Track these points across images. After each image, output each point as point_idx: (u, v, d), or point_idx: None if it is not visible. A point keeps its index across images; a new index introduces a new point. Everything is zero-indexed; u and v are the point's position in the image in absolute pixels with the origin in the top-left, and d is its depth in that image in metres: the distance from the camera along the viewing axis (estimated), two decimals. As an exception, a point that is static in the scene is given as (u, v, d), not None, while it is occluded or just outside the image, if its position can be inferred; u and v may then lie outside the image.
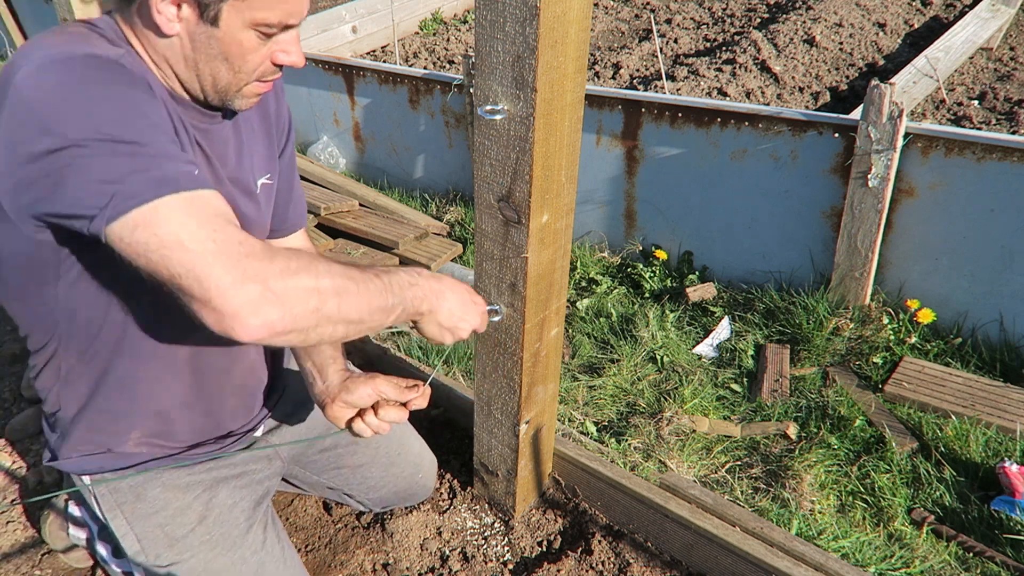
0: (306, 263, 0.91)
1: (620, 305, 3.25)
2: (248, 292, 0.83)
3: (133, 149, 0.86)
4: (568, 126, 1.25)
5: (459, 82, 3.80)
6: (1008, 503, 2.09)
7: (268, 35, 1.05)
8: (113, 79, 0.92)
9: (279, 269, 0.87)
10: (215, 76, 1.07)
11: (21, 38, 6.61)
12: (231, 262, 0.83)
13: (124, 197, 0.83)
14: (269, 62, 1.09)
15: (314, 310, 0.90)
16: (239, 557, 1.35)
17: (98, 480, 1.32)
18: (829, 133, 2.83)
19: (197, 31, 1.01)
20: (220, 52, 1.04)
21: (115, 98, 0.90)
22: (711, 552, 1.65)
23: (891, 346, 2.80)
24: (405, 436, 1.77)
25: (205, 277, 0.82)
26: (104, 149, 0.85)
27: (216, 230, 0.85)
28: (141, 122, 0.90)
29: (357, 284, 0.96)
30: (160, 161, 0.87)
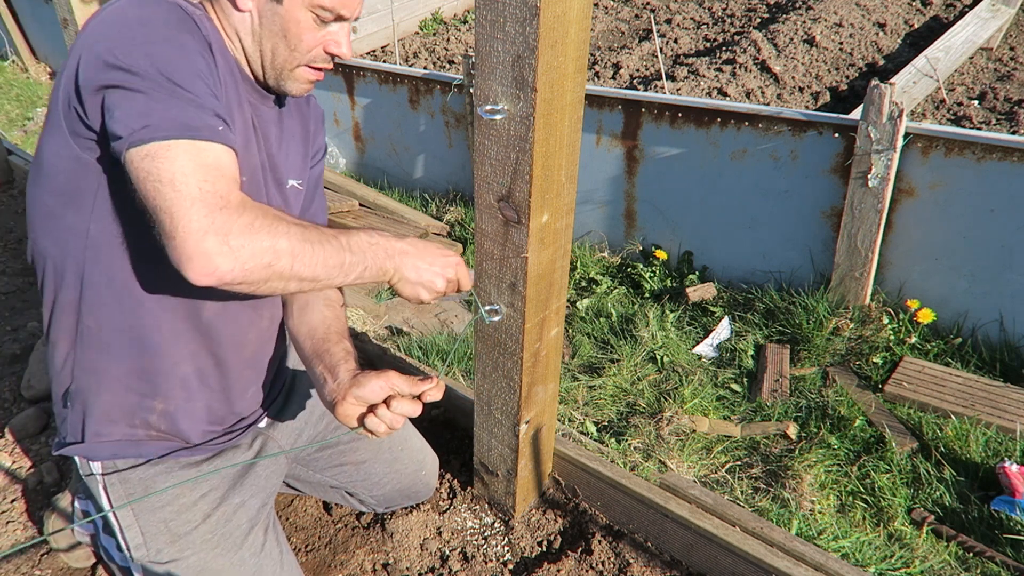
0: (269, 222, 1.03)
1: (620, 305, 3.25)
2: (208, 242, 0.95)
3: (175, 91, 1.00)
4: (568, 126, 1.25)
5: (459, 82, 3.80)
6: (1008, 503, 2.09)
7: (323, 20, 1.18)
8: (180, 28, 1.06)
9: (243, 225, 0.99)
10: (275, 51, 1.20)
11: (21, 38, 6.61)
12: (204, 210, 0.96)
13: (151, 129, 0.97)
14: (321, 49, 1.21)
15: (266, 266, 1.01)
16: (238, 559, 1.35)
17: (110, 469, 1.32)
18: (829, 133, 2.83)
19: (265, 7, 1.17)
20: (281, 28, 1.18)
21: (176, 43, 1.04)
22: (711, 552, 1.65)
23: (891, 346, 2.80)
24: (406, 433, 1.77)
25: (178, 217, 0.95)
26: (153, 85, 0.99)
27: (206, 180, 0.97)
28: (189, 70, 1.03)
29: (313, 245, 1.07)
30: (192, 108, 1.00)
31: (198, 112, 1.01)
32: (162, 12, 1.06)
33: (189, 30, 1.07)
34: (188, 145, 0.98)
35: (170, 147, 0.97)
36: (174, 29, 1.05)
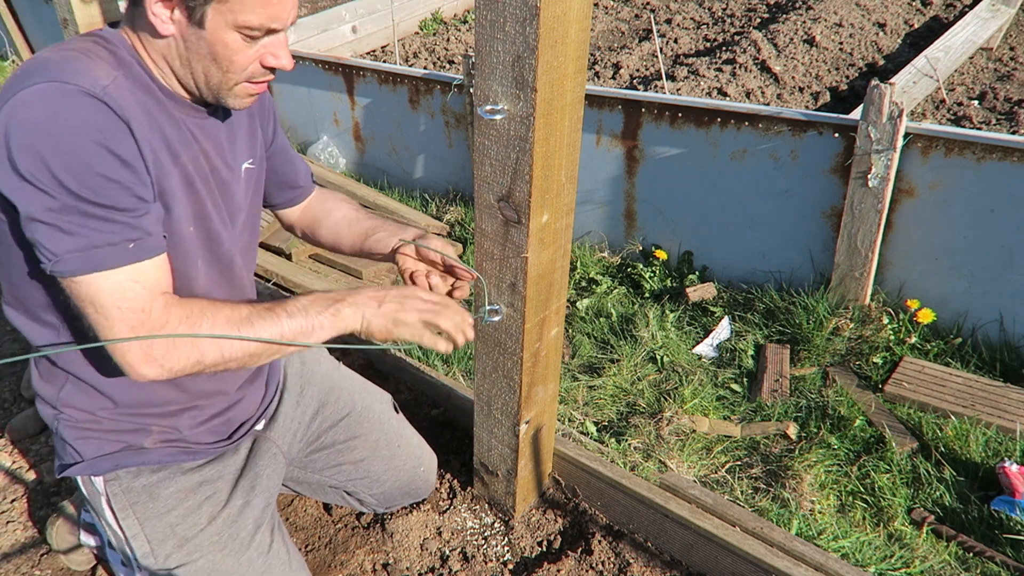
0: (192, 324, 1.10)
1: (620, 305, 3.25)
2: (131, 356, 1.07)
3: (87, 210, 1.02)
4: (568, 126, 1.25)
5: (459, 82, 3.80)
6: (1008, 503, 2.09)
7: (253, 38, 1.12)
8: (89, 126, 1.01)
9: (164, 341, 1.08)
10: (207, 74, 1.15)
11: (21, 38, 6.61)
12: (125, 328, 1.06)
13: (64, 263, 1.03)
14: (258, 64, 1.16)
15: (194, 364, 1.11)
16: (247, 559, 1.35)
17: (112, 480, 1.33)
18: (829, 133, 2.83)
19: (188, 32, 1.10)
20: (208, 52, 1.12)
21: (81, 152, 1.01)
22: (711, 552, 1.65)
23: (891, 346, 2.80)
24: (402, 431, 1.77)
25: (103, 334, 1.07)
26: (64, 208, 1.01)
27: (123, 300, 1.06)
28: (101, 178, 1.02)
29: (243, 330, 1.13)
30: (104, 232, 1.04)
31: (109, 235, 1.04)
32: (69, 110, 1.01)
33: (98, 123, 1.02)
34: (100, 276, 1.04)
35: (85, 281, 1.04)
36: (81, 129, 1.01)
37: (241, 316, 1.14)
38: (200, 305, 1.13)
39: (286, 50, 1.17)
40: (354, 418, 1.68)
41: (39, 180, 0.99)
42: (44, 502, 1.93)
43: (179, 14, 1.08)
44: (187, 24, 1.09)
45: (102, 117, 1.03)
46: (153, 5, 1.07)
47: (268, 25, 1.11)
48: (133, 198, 1.06)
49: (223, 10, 1.07)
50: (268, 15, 1.10)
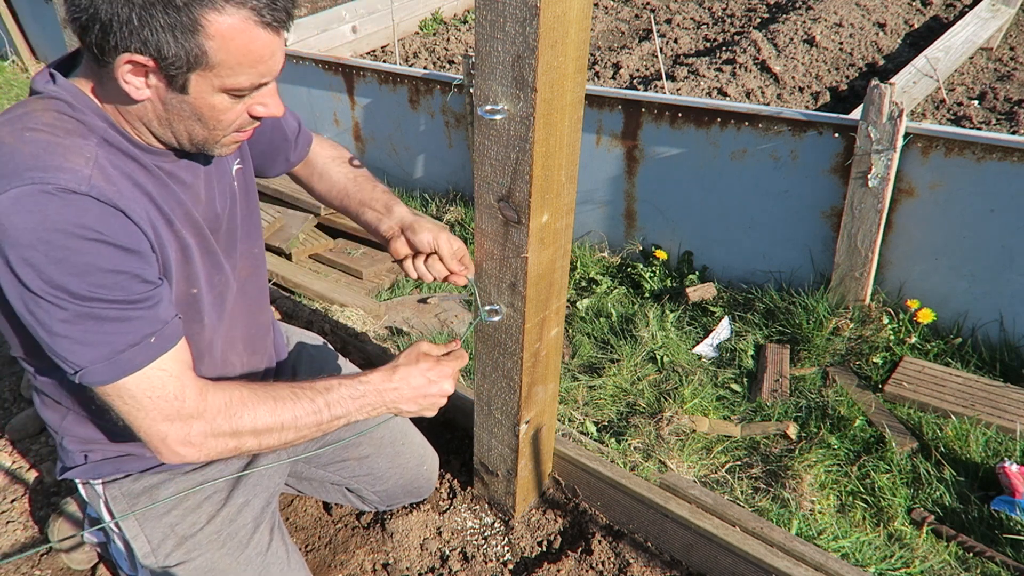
0: (231, 415, 1.10)
1: (620, 305, 3.25)
2: (169, 444, 1.07)
3: (101, 314, 0.99)
4: (568, 126, 1.25)
5: (459, 82, 3.80)
6: (1008, 503, 2.09)
7: (241, 96, 1.05)
8: (81, 225, 0.95)
9: (201, 429, 1.08)
10: (191, 133, 1.08)
11: (21, 38, 6.61)
12: (159, 418, 1.05)
13: (88, 374, 1.01)
14: (246, 115, 1.10)
15: (232, 449, 1.12)
16: (245, 558, 1.35)
17: (111, 484, 1.33)
18: (829, 133, 2.83)
19: (168, 96, 1.02)
20: (192, 113, 1.05)
21: (81, 254, 0.96)
22: (711, 552, 1.65)
23: (891, 346, 2.80)
24: (406, 429, 1.77)
25: (137, 426, 1.07)
26: (76, 317, 0.98)
27: (153, 394, 1.04)
28: (106, 279, 0.99)
29: (284, 420, 1.14)
30: (119, 334, 1.01)
31: (126, 337, 1.01)
32: (55, 213, 0.94)
33: (90, 221, 0.96)
34: (131, 380, 1.03)
35: (111, 389, 1.03)
36: (75, 230, 0.95)
37: (285, 406, 1.14)
38: (240, 393, 1.12)
39: (276, 98, 1.11)
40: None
41: (45, 292, 0.95)
42: (44, 502, 1.93)
43: (156, 80, 1.00)
44: (166, 89, 1.01)
45: (94, 212, 0.96)
46: (124, 75, 0.98)
47: (257, 82, 1.04)
48: (143, 284, 1.03)
49: (209, 76, 0.99)
50: (259, 73, 1.03)
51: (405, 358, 1.29)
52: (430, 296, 3.36)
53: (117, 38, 0.94)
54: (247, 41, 0.98)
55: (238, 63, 0.99)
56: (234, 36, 0.96)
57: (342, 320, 2.91)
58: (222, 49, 0.97)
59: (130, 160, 1.08)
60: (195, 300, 1.22)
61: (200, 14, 0.93)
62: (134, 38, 0.93)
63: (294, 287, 3.31)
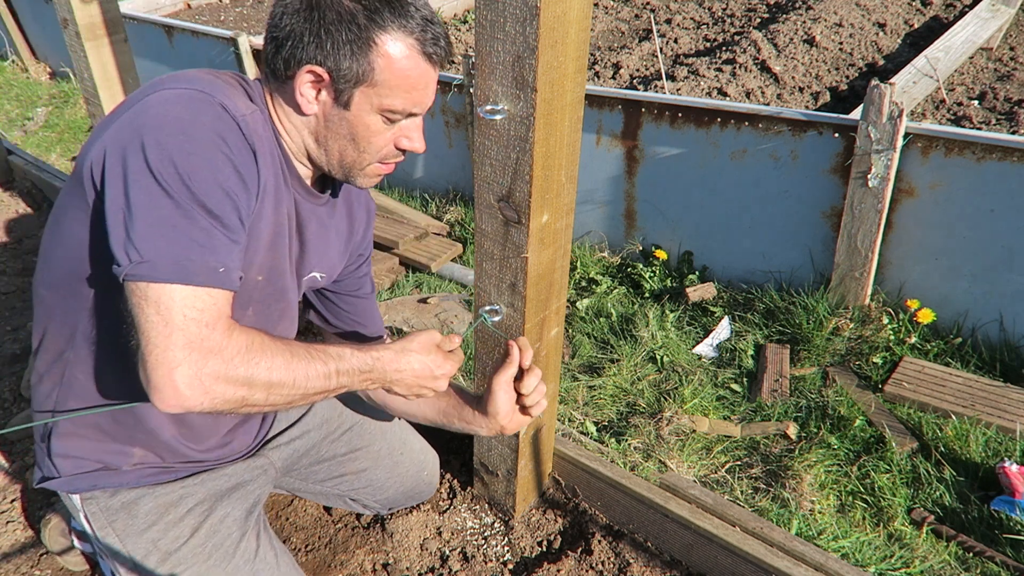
0: (250, 359, 1.04)
1: (620, 305, 3.25)
2: (178, 375, 0.97)
3: (193, 216, 1.00)
4: (568, 126, 1.25)
5: (459, 82, 3.80)
6: (1008, 503, 2.09)
7: (393, 120, 1.16)
8: (222, 139, 1.03)
9: (216, 367, 1.00)
10: (342, 153, 1.19)
11: (21, 38, 6.60)
12: (183, 341, 0.98)
13: (150, 267, 0.98)
14: (392, 145, 1.20)
15: (239, 400, 1.04)
16: (233, 567, 1.34)
17: (88, 499, 1.32)
18: (829, 133, 2.83)
19: (331, 112, 1.15)
20: (348, 132, 1.16)
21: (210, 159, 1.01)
22: (711, 552, 1.65)
23: (891, 346, 2.80)
24: (405, 436, 1.77)
25: (155, 342, 0.98)
26: (173, 205, 0.99)
27: (190, 316, 0.99)
28: (217, 187, 1.02)
29: (296, 375, 1.09)
30: (200, 244, 1.00)
31: (204, 251, 1.00)
32: (207, 118, 1.03)
33: (231, 140, 1.05)
34: (182, 289, 1.00)
35: (163, 289, 0.99)
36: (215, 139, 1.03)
37: (298, 365, 1.10)
38: (261, 340, 1.07)
39: (420, 133, 1.21)
40: (356, 431, 1.67)
41: (162, 176, 0.98)
42: (44, 502, 1.93)
43: (326, 95, 1.13)
44: (332, 105, 1.14)
45: (236, 136, 1.05)
46: (302, 86, 1.12)
47: (410, 110, 1.15)
48: (238, 220, 1.06)
49: (371, 94, 1.12)
50: (412, 100, 1.14)
51: (419, 345, 1.26)
52: (430, 296, 3.36)
53: (304, 51, 1.09)
54: (409, 66, 1.11)
55: (398, 85, 1.12)
56: (399, 59, 1.10)
57: (342, 320, 2.91)
58: (387, 69, 1.10)
59: (277, 148, 1.18)
60: (255, 287, 1.23)
61: (376, 34, 1.08)
62: (319, 50, 1.08)
63: (294, 287, 3.31)
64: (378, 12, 1.09)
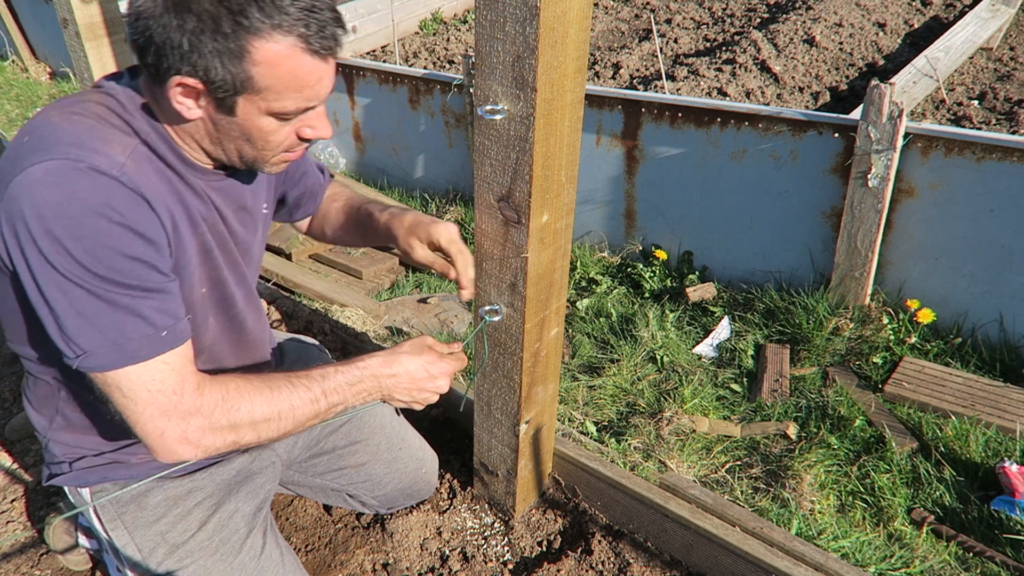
0: (229, 408, 1.07)
1: (620, 305, 3.25)
2: (166, 441, 1.04)
3: (113, 296, 0.98)
4: (568, 126, 1.25)
5: (459, 82, 3.80)
6: (1008, 503, 2.09)
7: (288, 119, 1.07)
8: (107, 206, 0.96)
9: (200, 424, 1.05)
10: (240, 151, 1.11)
11: (21, 38, 6.61)
12: (157, 412, 1.03)
13: (91, 357, 0.99)
14: (294, 136, 1.12)
15: (231, 444, 1.09)
16: (239, 563, 1.35)
17: (98, 492, 1.32)
18: (829, 133, 2.83)
19: (217, 117, 1.05)
20: (241, 134, 1.07)
21: (102, 235, 0.96)
22: (711, 552, 1.65)
23: (891, 346, 2.80)
24: (403, 433, 1.77)
25: (133, 420, 1.04)
26: (93, 292, 0.97)
27: (153, 386, 1.02)
28: (123, 264, 0.98)
29: (281, 410, 1.12)
30: (131, 319, 1.00)
31: (137, 325, 1.00)
32: (84, 191, 0.95)
33: (116, 203, 0.97)
34: (134, 369, 1.01)
35: (118, 374, 1.01)
36: (100, 209, 0.96)
37: (282, 396, 1.12)
38: (236, 385, 1.10)
39: (324, 120, 1.13)
40: (355, 423, 1.68)
41: (63, 268, 0.95)
42: (44, 502, 1.93)
43: (205, 102, 1.03)
44: (215, 111, 1.04)
45: (120, 196, 0.98)
46: (176, 97, 1.02)
47: (304, 107, 1.06)
48: (159, 275, 1.03)
49: (256, 100, 1.02)
50: (305, 98, 1.05)
51: (410, 347, 1.29)
52: (430, 296, 3.36)
53: (169, 61, 0.97)
54: (293, 68, 1.00)
55: (284, 88, 1.01)
56: (280, 63, 0.98)
57: (342, 320, 2.91)
58: (268, 75, 0.99)
59: (168, 168, 1.10)
60: (205, 301, 1.23)
61: (247, 41, 0.96)
62: (184, 62, 0.97)
63: (294, 287, 3.31)
64: (244, 14, 0.95)
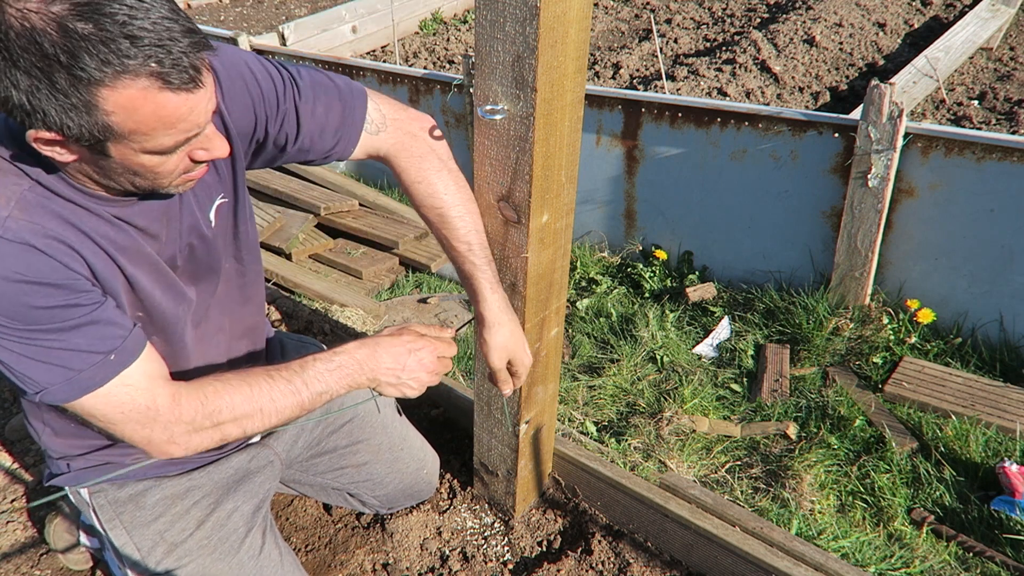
0: (210, 408, 1.09)
1: (620, 305, 3.25)
2: (155, 446, 1.08)
3: (49, 342, 0.98)
4: (568, 126, 1.25)
5: (459, 82, 3.80)
6: (1008, 503, 2.09)
7: (171, 152, 0.96)
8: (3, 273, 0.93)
9: (183, 429, 1.08)
10: (133, 183, 1.01)
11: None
12: (137, 427, 1.06)
13: (51, 393, 1.00)
14: (188, 160, 1.01)
15: (218, 440, 1.12)
16: (237, 562, 1.35)
17: (97, 492, 1.33)
18: (829, 133, 2.83)
19: (93, 158, 0.95)
20: (126, 170, 0.97)
21: (12, 296, 0.95)
22: (711, 552, 1.65)
23: (891, 346, 2.80)
24: (405, 433, 1.77)
25: (118, 435, 1.08)
26: (24, 341, 0.97)
27: (124, 408, 1.04)
28: (44, 313, 0.97)
29: (263, 403, 1.13)
30: (73, 356, 1.00)
31: (81, 358, 1.00)
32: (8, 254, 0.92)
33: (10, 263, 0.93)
34: (96, 395, 1.02)
35: (83, 403, 1.02)
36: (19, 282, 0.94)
37: (262, 390, 1.13)
38: (213, 388, 1.10)
39: (215, 140, 1.01)
40: (357, 423, 1.67)
41: None
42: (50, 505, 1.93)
43: (74, 147, 0.92)
44: (89, 155, 0.93)
45: (11, 255, 0.93)
46: (41, 147, 0.91)
47: (183, 139, 0.95)
48: (78, 309, 0.99)
49: (126, 143, 0.91)
50: (180, 131, 0.93)
51: (389, 331, 1.27)
52: (430, 296, 3.36)
53: (18, 116, 0.88)
54: (155, 108, 0.88)
55: (152, 129, 0.90)
56: (138, 107, 0.87)
57: (342, 320, 2.91)
58: (129, 120, 0.88)
59: (68, 203, 1.01)
60: (143, 323, 1.17)
61: (91, 94, 0.84)
62: (33, 119, 0.87)
63: (294, 287, 3.31)
64: (78, 65, 0.82)
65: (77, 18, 0.82)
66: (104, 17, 0.82)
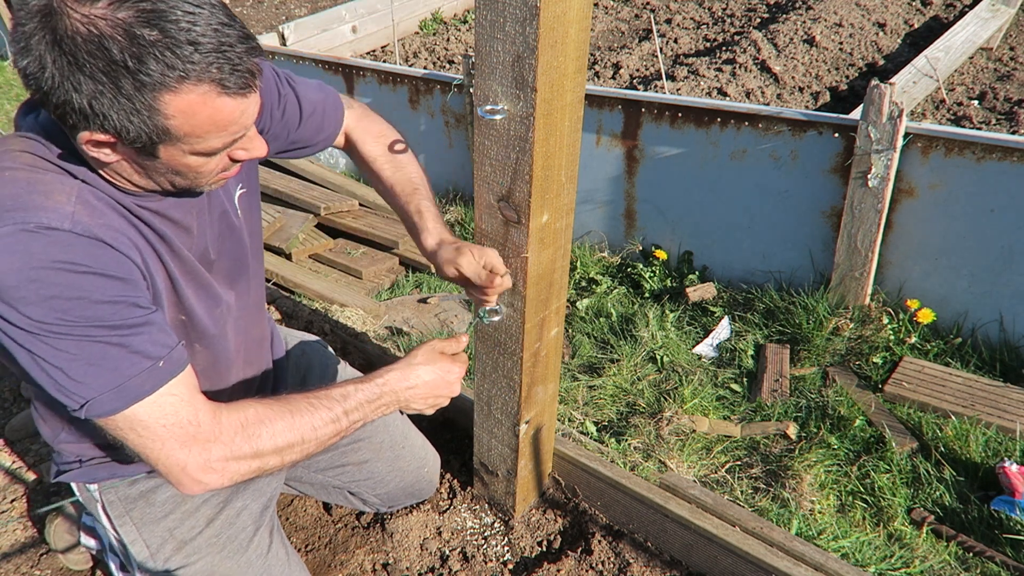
0: (250, 435, 1.06)
1: (620, 305, 3.25)
2: (189, 474, 1.03)
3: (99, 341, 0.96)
4: (568, 126, 1.25)
5: (459, 82, 3.80)
6: (1008, 503, 2.09)
7: (217, 152, 1.01)
8: (66, 261, 0.93)
9: (222, 453, 1.04)
10: (172, 182, 1.05)
11: (21, 38, 6.60)
12: (176, 445, 1.02)
13: (95, 405, 0.97)
14: (227, 159, 1.05)
15: (255, 471, 1.09)
16: (245, 561, 1.35)
17: (107, 488, 1.33)
18: (829, 133, 2.83)
19: (139, 159, 0.98)
20: (169, 170, 1.01)
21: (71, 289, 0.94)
22: (711, 552, 1.65)
23: (891, 346, 2.80)
24: (406, 432, 1.77)
25: (153, 459, 1.03)
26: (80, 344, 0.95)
27: (167, 420, 1.01)
28: (107, 308, 0.96)
29: (304, 433, 1.12)
30: (124, 360, 0.98)
31: (132, 363, 0.98)
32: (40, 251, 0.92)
33: (76, 255, 0.94)
34: (142, 406, 1.00)
35: (127, 415, 0.99)
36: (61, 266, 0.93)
37: (303, 420, 1.12)
38: (255, 412, 1.09)
39: (256, 140, 1.06)
40: None
41: (42, 330, 0.93)
42: (44, 502, 1.93)
43: (124, 148, 0.96)
44: (136, 155, 0.97)
45: (79, 247, 0.95)
46: (89, 149, 0.94)
47: (231, 140, 1.00)
48: (140, 310, 1.00)
49: (178, 145, 0.96)
50: (229, 134, 0.98)
51: (423, 356, 1.29)
52: (430, 296, 3.36)
53: (74, 119, 0.90)
54: (212, 112, 0.93)
55: (206, 132, 0.95)
56: (196, 111, 0.92)
57: (342, 320, 2.91)
58: (186, 124, 0.92)
59: (111, 199, 1.05)
60: (184, 327, 1.20)
61: (154, 98, 0.88)
62: (91, 121, 0.90)
63: (294, 287, 3.31)
64: (144, 71, 0.86)
65: (144, 24, 0.85)
66: (169, 24, 0.86)
